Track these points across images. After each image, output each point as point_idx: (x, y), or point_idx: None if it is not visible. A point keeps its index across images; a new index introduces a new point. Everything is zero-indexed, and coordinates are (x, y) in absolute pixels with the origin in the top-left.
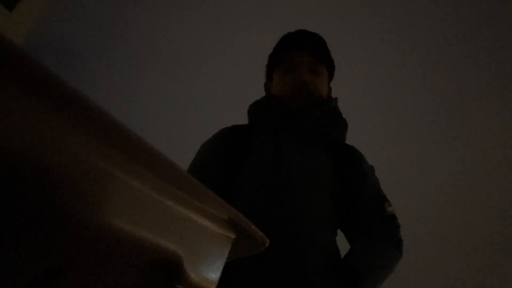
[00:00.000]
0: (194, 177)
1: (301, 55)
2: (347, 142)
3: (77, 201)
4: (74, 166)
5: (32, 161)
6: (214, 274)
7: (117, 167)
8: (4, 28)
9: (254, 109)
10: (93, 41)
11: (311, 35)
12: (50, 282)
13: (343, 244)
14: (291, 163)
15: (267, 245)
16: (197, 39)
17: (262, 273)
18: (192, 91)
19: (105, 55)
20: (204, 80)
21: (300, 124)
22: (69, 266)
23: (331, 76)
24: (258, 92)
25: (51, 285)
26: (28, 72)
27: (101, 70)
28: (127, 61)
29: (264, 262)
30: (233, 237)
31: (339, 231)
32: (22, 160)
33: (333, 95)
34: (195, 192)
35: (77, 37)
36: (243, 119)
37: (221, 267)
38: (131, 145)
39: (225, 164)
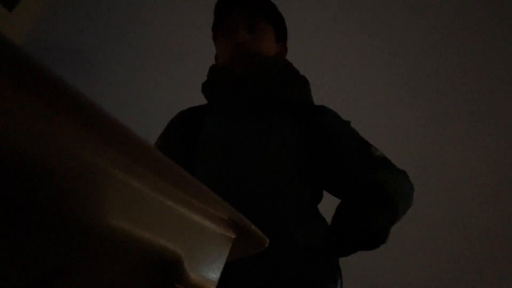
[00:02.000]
0: None
1: (235, 16)
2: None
3: (77, 201)
4: (74, 166)
5: (32, 161)
6: (214, 274)
7: (117, 167)
8: (4, 28)
9: (204, 85)
10: (93, 41)
11: None
12: (50, 282)
13: None
14: (242, 142)
15: (267, 245)
16: (200, 38)
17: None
18: (195, 92)
19: (106, 55)
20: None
21: (247, 91)
22: (69, 266)
23: (281, 34)
24: None
25: (52, 285)
26: (28, 72)
27: (102, 70)
28: (128, 60)
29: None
30: (233, 237)
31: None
32: (22, 160)
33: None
34: (195, 192)
35: (77, 37)
36: None
37: (221, 267)
38: (131, 145)
39: (179, 149)
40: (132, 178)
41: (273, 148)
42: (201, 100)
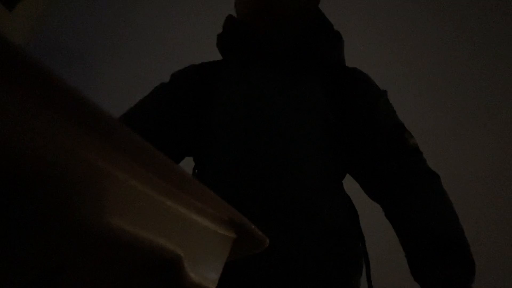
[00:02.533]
0: (140, 116)
1: None
2: None
3: (76, 201)
4: (74, 166)
5: (32, 161)
6: (214, 274)
7: (117, 167)
8: (4, 28)
9: (220, 39)
10: (92, 41)
11: None
12: (50, 282)
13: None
14: (266, 99)
15: (267, 245)
16: (200, 38)
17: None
18: None
19: (105, 55)
20: None
21: (271, 46)
22: (69, 266)
23: None
24: None
25: (51, 285)
26: (28, 72)
27: (101, 69)
28: (127, 60)
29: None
30: (233, 237)
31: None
32: (22, 160)
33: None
34: (195, 192)
35: (76, 37)
36: None
37: (221, 267)
38: (131, 145)
39: (186, 106)
40: (132, 178)
41: (300, 109)
42: None
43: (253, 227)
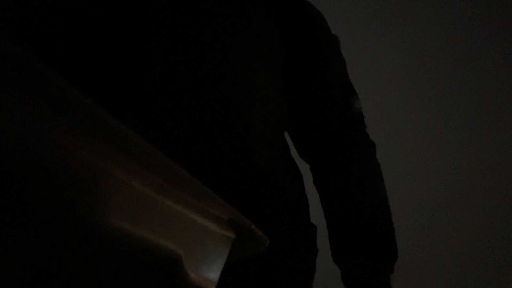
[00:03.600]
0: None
1: None
2: None
3: (76, 201)
4: (74, 165)
5: (32, 161)
6: (214, 274)
7: (117, 167)
8: None
9: None
10: None
11: None
12: (50, 282)
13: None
14: (215, 35)
15: (267, 245)
16: None
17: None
18: None
19: None
20: None
21: None
22: (69, 266)
23: None
24: None
25: (51, 285)
26: (28, 71)
27: None
28: None
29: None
30: (233, 237)
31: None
32: (22, 160)
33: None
34: (195, 192)
35: None
36: None
37: (221, 267)
38: (131, 145)
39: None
40: (132, 178)
41: (255, 38)
42: None
43: (253, 227)
